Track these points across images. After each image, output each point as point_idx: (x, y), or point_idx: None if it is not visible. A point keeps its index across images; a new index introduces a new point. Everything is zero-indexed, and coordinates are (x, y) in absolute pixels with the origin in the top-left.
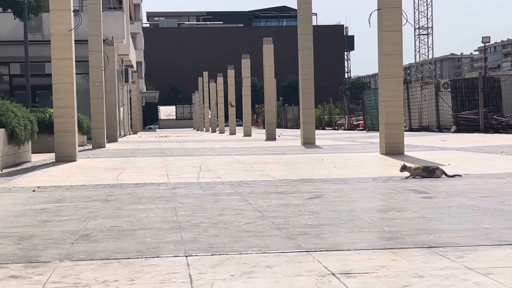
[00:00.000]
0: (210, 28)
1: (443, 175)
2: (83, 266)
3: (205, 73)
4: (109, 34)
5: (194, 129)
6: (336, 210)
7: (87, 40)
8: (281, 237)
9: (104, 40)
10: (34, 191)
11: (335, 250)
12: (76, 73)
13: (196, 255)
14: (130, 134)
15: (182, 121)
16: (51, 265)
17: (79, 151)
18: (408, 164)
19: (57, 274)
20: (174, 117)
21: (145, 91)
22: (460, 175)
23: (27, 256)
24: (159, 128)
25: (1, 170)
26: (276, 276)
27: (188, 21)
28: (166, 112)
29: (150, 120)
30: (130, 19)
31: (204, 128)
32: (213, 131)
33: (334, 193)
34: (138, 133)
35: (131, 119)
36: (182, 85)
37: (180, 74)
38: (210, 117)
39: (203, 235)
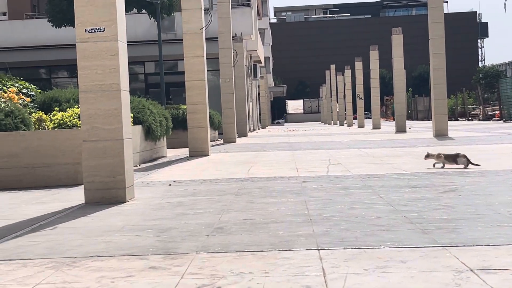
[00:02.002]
0: (337, 20)
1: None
2: (218, 258)
3: (333, 66)
4: (238, 30)
5: (321, 122)
6: (473, 204)
7: (217, 38)
8: (414, 232)
9: (233, 37)
10: (170, 185)
11: (473, 246)
12: (207, 70)
13: (328, 249)
14: (259, 129)
15: (309, 115)
16: (189, 257)
17: (211, 146)
18: (431, 152)
19: (194, 266)
20: (302, 111)
21: (273, 86)
22: (479, 165)
23: (166, 248)
24: (287, 122)
25: (139, 165)
26: (411, 271)
27: (315, 15)
28: (294, 106)
29: (278, 114)
30: (258, 15)
31: (332, 122)
32: (341, 124)
33: (470, 186)
34: (267, 127)
35: (260, 114)
36: (309, 79)
37: (307, 68)
38: (337, 110)
39: (335, 229)
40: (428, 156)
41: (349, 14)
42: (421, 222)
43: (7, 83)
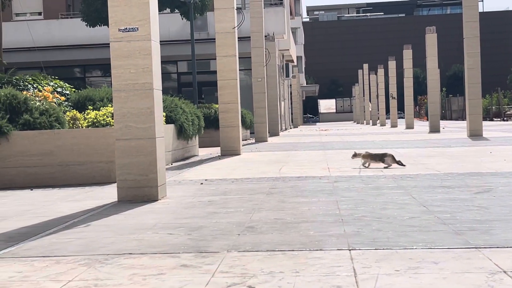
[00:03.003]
0: (370, 19)
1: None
2: (249, 257)
3: (365, 65)
4: (270, 30)
5: (354, 122)
6: (507, 205)
7: (249, 37)
8: (447, 233)
9: (265, 36)
10: (202, 183)
11: (507, 247)
12: (239, 69)
13: (359, 249)
14: (291, 128)
15: (342, 114)
16: (220, 255)
17: (242, 145)
18: (358, 151)
19: (225, 264)
20: (334, 110)
21: (305, 85)
22: (404, 165)
23: (197, 246)
24: (319, 121)
25: (171, 164)
26: (444, 273)
27: (348, 14)
28: (326, 105)
29: (310, 113)
30: (291, 14)
31: (365, 121)
32: (374, 124)
33: (504, 187)
34: (298, 126)
35: (291, 113)
36: (342, 78)
37: (340, 67)
38: (370, 109)
39: (366, 229)
40: (355, 155)
41: (382, 13)
42: (454, 223)
43: (42, 82)
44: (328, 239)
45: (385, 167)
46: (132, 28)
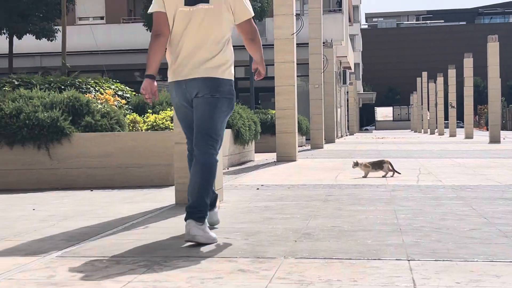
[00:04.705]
0: (430, 27)
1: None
2: (306, 264)
3: (424, 73)
4: (329, 36)
5: (411, 130)
6: None
7: (307, 43)
8: (510, 246)
9: (323, 43)
10: (258, 189)
11: None
12: (296, 76)
13: (418, 260)
14: (346, 135)
15: (399, 123)
16: (277, 261)
17: (298, 151)
18: (360, 161)
19: (282, 271)
20: (391, 118)
21: (362, 92)
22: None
23: (254, 251)
24: (375, 129)
25: (228, 168)
26: (506, 286)
27: (407, 21)
28: (383, 113)
29: (366, 121)
30: (349, 21)
31: (422, 130)
32: (432, 133)
33: None
34: (354, 134)
35: (348, 120)
36: (399, 86)
37: (398, 74)
38: (428, 118)
39: (425, 240)
40: (356, 165)
41: (443, 21)
42: None
43: (104, 85)
44: (386, 248)
45: (383, 176)
46: None
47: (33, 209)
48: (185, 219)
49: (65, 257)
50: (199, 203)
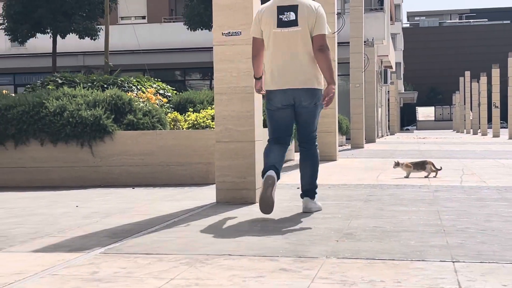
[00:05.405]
0: (473, 26)
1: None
2: (348, 264)
3: (467, 73)
4: (370, 35)
5: (453, 130)
6: None
7: (348, 42)
8: None
9: (364, 42)
10: (298, 188)
11: None
12: (337, 75)
13: (463, 262)
14: (387, 135)
15: (441, 123)
16: (318, 261)
17: (338, 151)
18: (401, 161)
19: (325, 270)
20: (433, 118)
21: (403, 92)
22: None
23: (295, 251)
24: (416, 129)
25: None
26: None
27: (450, 20)
28: (424, 113)
29: (407, 121)
30: (391, 19)
31: (465, 130)
32: (474, 133)
33: None
34: (395, 134)
35: (388, 120)
36: (441, 86)
37: (440, 74)
38: (471, 118)
39: (470, 241)
40: (397, 164)
41: (486, 20)
42: None
43: (146, 83)
44: (430, 249)
45: (425, 176)
46: (235, 32)
47: (76, 206)
48: (302, 197)
49: (108, 254)
50: (312, 185)
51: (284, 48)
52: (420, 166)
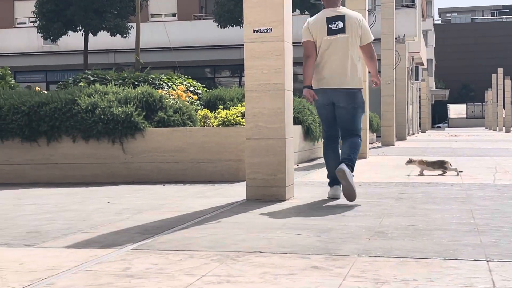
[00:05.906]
0: (506, 22)
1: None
2: (380, 263)
3: (500, 70)
4: (401, 32)
5: (486, 128)
6: None
7: (379, 39)
8: None
9: (396, 38)
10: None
11: None
12: (367, 72)
13: (498, 261)
14: (418, 133)
15: (473, 120)
16: (350, 259)
17: (369, 149)
18: (414, 158)
19: (356, 269)
20: (465, 116)
21: (434, 89)
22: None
23: (327, 249)
24: (448, 127)
25: (297, 165)
26: None
27: (482, 16)
28: (456, 110)
29: (438, 118)
30: (422, 16)
31: (497, 128)
32: (507, 131)
33: None
34: (426, 131)
35: (419, 118)
36: (473, 83)
37: (472, 71)
38: (504, 115)
39: (504, 240)
40: (410, 162)
41: None
42: None
43: (176, 81)
44: (463, 248)
45: (440, 174)
46: (266, 29)
47: (108, 202)
48: (340, 168)
49: (140, 250)
50: (350, 160)
51: (331, 52)
52: (439, 165)
